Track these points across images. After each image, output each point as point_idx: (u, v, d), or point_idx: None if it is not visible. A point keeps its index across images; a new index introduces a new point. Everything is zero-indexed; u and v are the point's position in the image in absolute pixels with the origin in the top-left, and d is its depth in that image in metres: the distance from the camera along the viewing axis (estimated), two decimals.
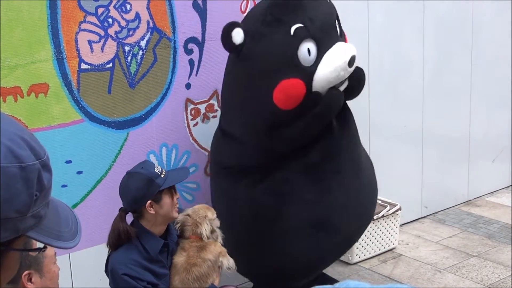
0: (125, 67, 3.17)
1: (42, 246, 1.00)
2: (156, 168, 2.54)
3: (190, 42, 3.36)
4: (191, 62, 3.39)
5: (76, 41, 2.99)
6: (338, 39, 2.94)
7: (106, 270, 2.60)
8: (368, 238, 4.11)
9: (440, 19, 4.64)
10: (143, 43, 3.20)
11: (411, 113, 4.61)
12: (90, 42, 3.04)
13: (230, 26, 2.84)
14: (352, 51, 2.85)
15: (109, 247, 2.57)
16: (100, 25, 3.06)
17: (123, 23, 3.13)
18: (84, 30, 3.02)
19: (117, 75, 3.14)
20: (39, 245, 0.99)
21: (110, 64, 3.12)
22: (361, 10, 4.17)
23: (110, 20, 3.09)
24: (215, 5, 3.40)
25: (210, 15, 3.39)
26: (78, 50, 3.00)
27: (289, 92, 2.83)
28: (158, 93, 3.30)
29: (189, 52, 3.37)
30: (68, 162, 3.05)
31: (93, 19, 3.03)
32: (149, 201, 2.51)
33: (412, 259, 4.17)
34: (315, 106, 2.88)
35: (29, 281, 1.96)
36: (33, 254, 1.82)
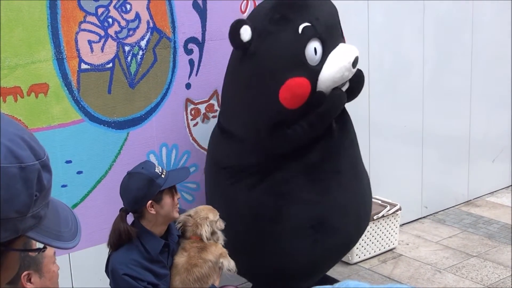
0: (125, 67, 3.16)
1: (42, 246, 1.00)
2: (156, 168, 2.54)
3: (190, 42, 3.36)
4: (191, 62, 3.38)
5: (76, 41, 2.99)
6: (341, 39, 2.98)
7: (106, 270, 2.60)
8: (368, 238, 4.11)
9: (440, 19, 4.64)
10: (143, 43, 3.20)
11: (411, 113, 4.61)
12: (90, 42, 3.04)
13: (238, 23, 2.84)
14: (355, 52, 2.91)
15: (109, 247, 2.57)
16: (100, 25, 3.06)
17: (123, 23, 3.13)
18: (84, 30, 3.02)
19: (117, 75, 3.14)
20: (39, 245, 0.99)
21: (110, 64, 3.12)
22: (361, 10, 4.17)
23: (110, 20, 3.09)
24: (215, 5, 3.40)
25: (210, 15, 3.39)
26: (78, 50, 3.00)
27: (296, 91, 2.83)
28: (158, 93, 3.30)
29: (189, 52, 3.37)
30: (68, 162, 3.05)
31: (93, 19, 3.03)
32: (150, 201, 2.51)
33: (412, 259, 4.17)
34: (319, 106, 2.88)
35: (28, 282, 1.96)
36: (33, 254, 1.83)
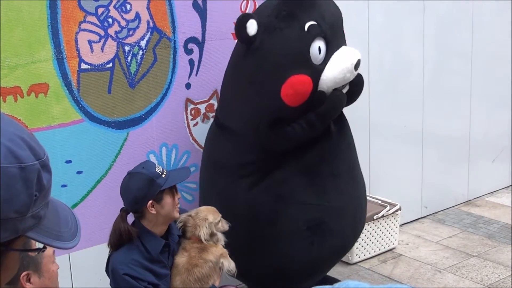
0: (125, 67, 3.16)
1: (42, 246, 1.00)
2: (157, 168, 2.54)
3: (190, 42, 3.36)
4: (191, 62, 3.38)
5: (76, 41, 2.99)
6: (343, 41, 2.99)
7: (106, 270, 2.60)
8: (368, 238, 4.11)
9: (440, 19, 4.64)
10: (143, 43, 3.20)
11: (411, 113, 4.61)
12: (90, 42, 3.04)
13: (245, 17, 2.84)
14: (358, 55, 2.93)
15: (110, 247, 2.57)
16: (100, 25, 3.06)
17: (123, 23, 3.13)
18: (84, 30, 3.01)
19: (117, 75, 3.14)
20: (39, 245, 0.99)
21: (110, 64, 3.12)
22: (361, 10, 4.17)
23: (110, 20, 3.09)
24: (215, 5, 3.40)
25: (210, 15, 3.39)
26: (78, 50, 3.00)
27: (298, 88, 2.84)
28: (158, 93, 3.30)
29: (189, 52, 3.37)
30: (68, 162, 3.05)
31: (93, 19, 3.03)
32: (150, 201, 2.51)
33: (412, 259, 4.17)
34: (319, 105, 2.88)
35: (28, 282, 1.96)
36: (33, 254, 1.82)
